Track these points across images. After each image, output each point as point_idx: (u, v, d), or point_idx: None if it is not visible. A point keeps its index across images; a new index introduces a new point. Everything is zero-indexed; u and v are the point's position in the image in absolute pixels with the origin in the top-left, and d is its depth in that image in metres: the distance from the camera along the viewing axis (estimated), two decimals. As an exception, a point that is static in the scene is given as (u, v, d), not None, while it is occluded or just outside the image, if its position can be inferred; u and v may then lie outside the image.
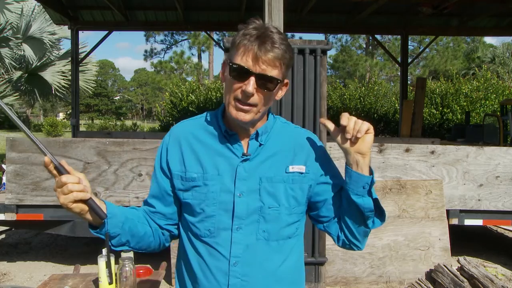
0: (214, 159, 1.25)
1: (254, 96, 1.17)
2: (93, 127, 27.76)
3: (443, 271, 3.71)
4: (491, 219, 4.54)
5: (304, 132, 1.36)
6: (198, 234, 1.25)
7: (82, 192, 1.09)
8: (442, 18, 8.75)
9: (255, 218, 1.23)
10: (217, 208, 1.23)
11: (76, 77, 8.87)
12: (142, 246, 1.30)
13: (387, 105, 15.12)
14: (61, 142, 4.24)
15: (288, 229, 1.27)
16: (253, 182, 1.23)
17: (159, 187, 1.31)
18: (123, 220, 1.22)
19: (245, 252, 1.22)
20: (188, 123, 1.34)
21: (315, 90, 3.45)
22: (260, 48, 1.15)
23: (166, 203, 1.31)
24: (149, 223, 1.31)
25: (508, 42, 27.40)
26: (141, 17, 8.93)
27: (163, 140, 1.33)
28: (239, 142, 1.25)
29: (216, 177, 1.23)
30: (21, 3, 11.09)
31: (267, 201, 1.23)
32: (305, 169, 1.27)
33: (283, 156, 1.27)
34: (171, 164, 1.28)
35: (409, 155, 4.33)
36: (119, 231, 1.22)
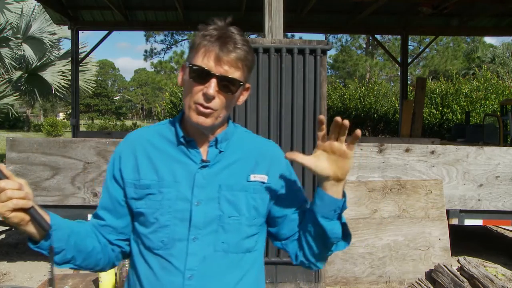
0: (170, 166, 1.18)
1: (215, 100, 1.12)
2: (93, 127, 27.77)
3: (443, 271, 3.71)
4: (491, 219, 4.54)
5: (266, 142, 1.31)
6: (151, 246, 1.16)
7: (23, 200, 0.97)
8: (442, 18, 8.75)
9: (213, 228, 1.15)
10: (172, 217, 1.14)
11: (76, 77, 8.87)
12: (89, 264, 1.18)
13: (387, 105, 15.12)
14: (61, 142, 4.24)
15: (248, 241, 1.19)
16: (212, 190, 1.16)
17: (110, 198, 1.22)
18: (69, 233, 1.10)
19: (202, 265, 1.13)
20: (144, 130, 1.27)
21: (315, 90, 3.45)
22: (222, 48, 1.10)
23: (117, 215, 1.21)
24: (98, 238, 1.20)
25: (508, 42, 27.42)
26: (141, 17, 8.93)
27: (116, 148, 1.25)
28: (197, 148, 1.19)
29: (173, 184, 1.16)
30: (21, 3, 11.10)
31: (227, 210, 1.16)
32: (267, 179, 1.21)
33: (244, 164, 1.21)
34: (124, 172, 1.19)
35: (409, 155, 4.33)
36: (64, 245, 1.09)
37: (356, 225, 4.02)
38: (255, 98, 3.46)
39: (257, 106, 3.46)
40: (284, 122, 3.44)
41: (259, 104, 3.46)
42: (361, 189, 4.10)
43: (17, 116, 18.42)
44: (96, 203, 4.21)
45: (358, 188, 4.10)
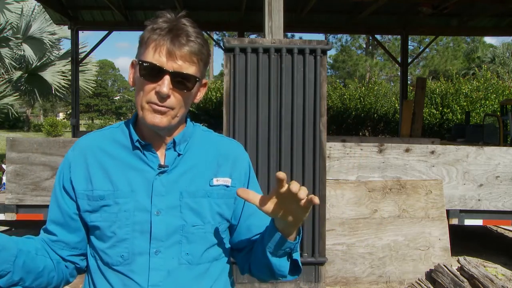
0: (126, 173, 1.07)
1: (170, 98, 1.02)
2: (93, 127, 27.76)
3: (443, 271, 3.71)
4: (491, 219, 4.54)
5: (228, 141, 1.21)
6: (109, 262, 1.06)
7: None
8: (442, 18, 8.75)
9: (176, 239, 1.06)
10: (130, 230, 1.05)
11: (76, 77, 8.88)
12: (40, 283, 1.06)
13: (387, 105, 15.11)
14: (61, 142, 4.24)
15: (214, 250, 1.11)
16: (173, 198, 1.07)
17: (60, 211, 1.11)
18: (16, 254, 0.98)
19: (166, 280, 1.05)
20: (94, 135, 1.16)
21: (315, 90, 3.45)
22: (174, 42, 1.01)
23: (69, 229, 1.11)
24: (49, 255, 1.09)
25: (508, 42, 27.42)
26: (141, 17, 8.93)
27: (65, 156, 1.14)
28: (154, 153, 1.09)
29: (129, 194, 1.06)
30: (21, 3, 11.10)
31: (190, 218, 1.07)
32: (230, 182, 1.13)
33: (205, 167, 1.12)
34: (75, 182, 1.09)
35: (409, 155, 4.33)
36: (10, 267, 0.97)
37: (356, 225, 4.02)
38: (255, 98, 3.46)
39: (257, 106, 3.46)
40: (284, 122, 3.44)
41: (259, 104, 3.46)
42: (361, 189, 4.10)
43: (17, 116, 18.44)
44: (96, 203, 4.22)
45: (358, 188, 4.10)
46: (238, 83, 3.48)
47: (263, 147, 3.48)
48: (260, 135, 3.47)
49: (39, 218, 4.23)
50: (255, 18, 8.48)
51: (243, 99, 3.49)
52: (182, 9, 8.07)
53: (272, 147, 3.48)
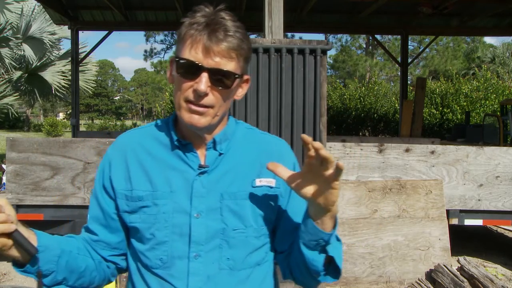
0: (165, 173, 1.03)
1: (208, 96, 0.97)
2: (93, 127, 27.78)
3: (443, 271, 3.71)
4: (491, 219, 4.54)
5: (273, 139, 1.15)
6: (149, 265, 1.03)
7: (4, 224, 0.86)
8: (442, 18, 8.75)
9: (216, 243, 1.01)
10: (170, 233, 1.01)
11: (76, 77, 8.87)
12: (83, 283, 1.06)
13: (387, 105, 15.12)
14: (61, 142, 4.24)
15: (256, 254, 1.06)
16: (213, 200, 1.02)
17: (101, 210, 1.08)
18: (59, 254, 0.98)
19: (206, 285, 1.01)
20: (135, 133, 1.13)
21: (315, 90, 3.45)
22: (211, 37, 0.95)
23: (110, 229, 1.08)
24: (91, 255, 1.08)
25: (508, 42, 27.42)
26: (141, 17, 8.93)
27: (105, 153, 1.11)
28: (194, 152, 1.05)
29: (168, 195, 1.02)
30: (21, 3, 11.10)
31: (231, 222, 1.02)
32: (274, 182, 1.06)
33: (248, 167, 1.06)
34: (114, 181, 1.06)
35: (409, 155, 4.33)
36: (54, 267, 0.97)
37: (356, 225, 4.02)
38: (255, 98, 3.46)
39: (257, 106, 3.46)
40: (284, 122, 3.44)
41: (259, 104, 3.46)
42: (361, 189, 4.10)
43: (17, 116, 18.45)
44: (96, 203, 4.22)
45: (358, 188, 4.10)
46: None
47: (263, 147, 3.47)
48: (260, 135, 3.47)
49: (39, 218, 4.23)
50: (255, 18, 8.48)
51: (243, 99, 3.48)
52: (182, 9, 8.08)
53: (272, 147, 3.47)
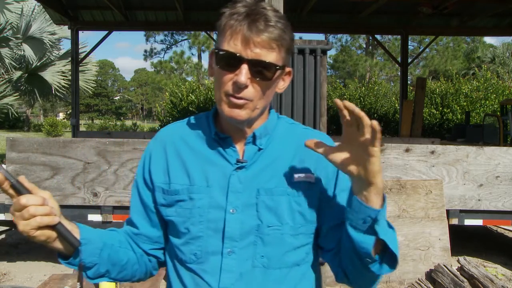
0: (203, 167, 1.02)
1: (248, 88, 0.95)
2: (93, 127, 27.78)
3: (443, 271, 3.71)
4: (491, 219, 4.54)
5: (314, 134, 1.09)
6: (183, 259, 1.03)
7: (49, 216, 0.87)
8: (442, 18, 8.75)
9: (251, 240, 0.99)
10: (204, 228, 1.00)
11: (76, 77, 8.88)
12: (125, 276, 1.07)
13: (387, 105, 15.12)
14: (61, 142, 4.24)
15: (294, 254, 1.01)
16: (250, 195, 1.00)
17: (141, 203, 1.09)
18: (101, 247, 1.00)
19: (239, 283, 0.98)
20: (176, 126, 1.12)
21: (315, 90, 3.45)
22: (251, 27, 0.92)
23: (151, 222, 1.08)
24: (132, 248, 1.08)
25: (508, 42, 27.42)
26: (141, 17, 8.93)
27: (147, 146, 1.11)
28: (233, 147, 1.03)
29: (205, 189, 1.01)
30: (21, 3, 11.10)
31: (266, 218, 0.99)
32: (314, 178, 1.02)
33: (287, 162, 1.03)
34: (153, 174, 1.06)
35: (409, 155, 4.33)
36: (97, 260, 0.99)
37: (356, 225, 4.02)
38: (255, 98, 3.45)
39: (257, 106, 3.45)
40: (284, 122, 3.44)
41: (259, 104, 3.45)
42: (361, 189, 4.10)
43: (17, 116, 18.46)
44: (96, 203, 4.22)
45: (358, 188, 4.10)
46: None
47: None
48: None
49: (39, 218, 4.23)
50: (255, 18, 8.48)
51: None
52: (182, 9, 8.08)
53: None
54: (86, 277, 0.99)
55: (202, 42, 27.27)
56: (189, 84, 15.32)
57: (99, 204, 4.20)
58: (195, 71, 29.34)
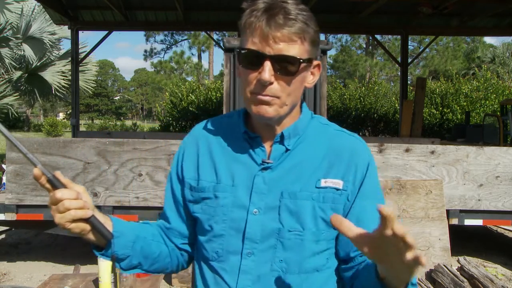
0: (231, 166, 1.02)
1: (273, 85, 0.92)
2: (93, 127, 27.76)
3: (443, 271, 3.71)
4: (491, 219, 4.54)
5: (347, 137, 1.05)
6: (206, 256, 1.04)
7: (82, 210, 0.90)
8: (442, 18, 8.75)
9: (271, 243, 0.97)
10: (227, 227, 0.99)
11: (76, 77, 8.87)
12: (157, 268, 1.10)
13: (387, 105, 15.11)
14: (61, 142, 4.24)
15: (314, 259, 0.99)
16: (273, 198, 0.98)
17: (173, 198, 1.10)
18: (134, 239, 1.02)
19: (256, 285, 0.98)
20: (210, 122, 1.12)
21: (315, 90, 3.45)
22: (270, 23, 0.89)
23: (181, 217, 1.09)
24: (165, 242, 1.10)
25: (508, 42, 27.42)
26: (141, 17, 8.93)
27: (182, 141, 1.13)
28: (262, 146, 1.01)
29: (230, 188, 1.00)
30: (21, 3, 11.10)
31: (288, 222, 0.97)
32: (342, 185, 0.98)
33: (314, 165, 0.99)
34: (185, 170, 1.07)
35: (409, 155, 4.33)
36: (129, 252, 1.01)
37: (356, 225, 4.02)
38: (255, 98, 3.45)
39: (257, 106, 3.45)
40: (284, 122, 3.44)
41: (259, 104, 3.45)
42: (361, 189, 4.10)
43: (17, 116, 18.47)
44: (96, 203, 4.21)
45: (358, 188, 4.10)
46: (238, 83, 3.48)
47: (263, 147, 3.48)
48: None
49: (39, 218, 4.23)
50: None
51: (243, 99, 3.48)
52: (182, 9, 8.08)
53: (272, 147, 3.48)
54: (120, 268, 1.02)
55: (202, 42, 27.28)
56: (189, 84, 15.31)
57: (99, 204, 4.20)
58: (195, 71, 29.34)
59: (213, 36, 19.62)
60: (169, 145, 4.21)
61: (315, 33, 0.94)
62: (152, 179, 4.23)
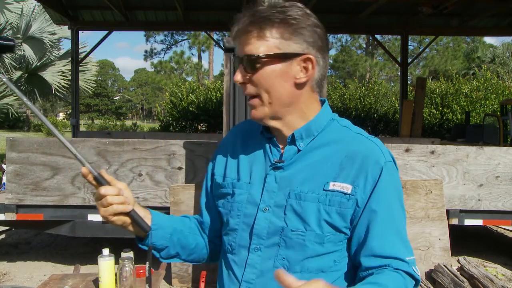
0: (250, 164, 1.06)
1: (247, 85, 0.97)
2: (93, 127, 27.75)
3: (443, 271, 3.71)
4: (491, 219, 4.54)
5: (363, 139, 1.02)
6: (224, 249, 1.09)
7: (123, 205, 0.98)
8: (442, 18, 8.74)
9: (276, 240, 1.00)
10: (240, 222, 1.04)
11: (76, 77, 8.87)
12: (194, 258, 1.17)
13: (387, 105, 15.11)
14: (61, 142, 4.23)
15: (317, 260, 0.98)
16: (282, 197, 1.00)
17: (205, 193, 1.18)
18: (171, 232, 1.09)
19: (259, 279, 1.00)
20: (244, 122, 1.18)
21: (315, 90, 3.45)
22: (239, 23, 0.94)
23: (212, 212, 1.16)
24: (201, 234, 1.17)
25: (508, 42, 27.42)
26: (141, 17, 8.93)
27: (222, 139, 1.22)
28: (278, 146, 1.04)
29: (246, 185, 1.04)
30: (21, 3, 11.10)
31: (292, 222, 0.98)
32: (351, 189, 0.96)
33: (325, 168, 0.98)
34: (216, 167, 1.14)
35: (409, 155, 4.33)
36: (167, 243, 1.09)
37: (356, 225, 4.02)
38: (255, 98, 3.44)
39: (257, 106, 3.45)
40: (284, 122, 3.44)
41: (259, 104, 3.44)
42: (361, 189, 4.10)
43: (17, 116, 18.44)
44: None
45: (358, 188, 4.10)
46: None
47: (263, 147, 3.48)
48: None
49: (39, 218, 4.23)
50: (255, 18, 8.47)
51: (243, 99, 3.48)
52: (182, 9, 8.08)
53: (272, 147, 3.47)
54: (159, 257, 1.11)
55: (202, 42, 27.26)
56: (189, 84, 15.30)
57: (99, 204, 4.20)
58: (195, 71, 29.34)
59: (213, 36, 19.61)
60: (169, 145, 4.21)
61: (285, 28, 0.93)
62: (152, 179, 4.23)
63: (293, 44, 0.95)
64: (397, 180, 1.01)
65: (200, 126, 13.58)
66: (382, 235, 0.94)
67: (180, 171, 4.22)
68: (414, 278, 0.94)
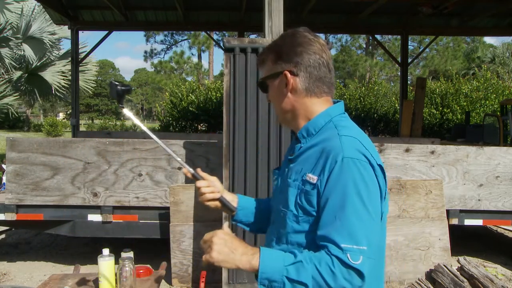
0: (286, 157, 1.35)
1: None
2: (93, 127, 27.74)
3: (443, 271, 3.71)
4: (491, 219, 4.54)
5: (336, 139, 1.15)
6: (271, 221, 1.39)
7: (213, 193, 1.36)
8: (442, 18, 8.74)
9: (275, 216, 1.31)
10: (274, 201, 1.34)
11: (76, 77, 8.87)
12: None
13: (387, 105, 15.10)
14: (61, 142, 4.24)
15: (297, 237, 1.19)
16: (284, 184, 1.27)
17: None
18: (253, 211, 1.46)
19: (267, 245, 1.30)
20: None
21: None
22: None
23: None
24: None
25: (508, 42, 27.42)
26: (141, 17, 8.92)
27: None
28: (295, 143, 1.30)
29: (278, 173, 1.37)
30: (21, 3, 11.10)
31: (280, 202, 1.26)
32: (316, 180, 1.14)
33: (309, 161, 1.18)
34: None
35: (409, 155, 4.33)
36: (251, 219, 1.46)
37: (356, 225, 4.01)
38: (255, 98, 3.45)
39: (257, 106, 3.46)
40: (284, 122, 3.44)
41: (259, 104, 3.45)
42: (361, 189, 4.10)
43: (17, 116, 18.46)
44: (96, 203, 4.22)
45: (358, 188, 4.10)
46: (238, 83, 3.48)
47: (263, 147, 3.48)
48: (260, 135, 3.47)
49: (39, 218, 4.23)
50: (255, 18, 8.47)
51: (243, 99, 3.48)
52: (182, 9, 8.08)
53: (272, 147, 3.48)
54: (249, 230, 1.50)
55: (202, 42, 27.23)
56: (189, 84, 15.28)
57: (99, 204, 4.21)
58: (195, 71, 29.31)
59: (213, 36, 19.62)
60: (169, 145, 4.20)
61: (277, 53, 1.25)
62: (152, 179, 4.23)
63: (278, 65, 1.24)
64: (356, 175, 1.09)
65: (200, 126, 13.57)
66: (328, 220, 1.09)
67: (180, 171, 4.22)
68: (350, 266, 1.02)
